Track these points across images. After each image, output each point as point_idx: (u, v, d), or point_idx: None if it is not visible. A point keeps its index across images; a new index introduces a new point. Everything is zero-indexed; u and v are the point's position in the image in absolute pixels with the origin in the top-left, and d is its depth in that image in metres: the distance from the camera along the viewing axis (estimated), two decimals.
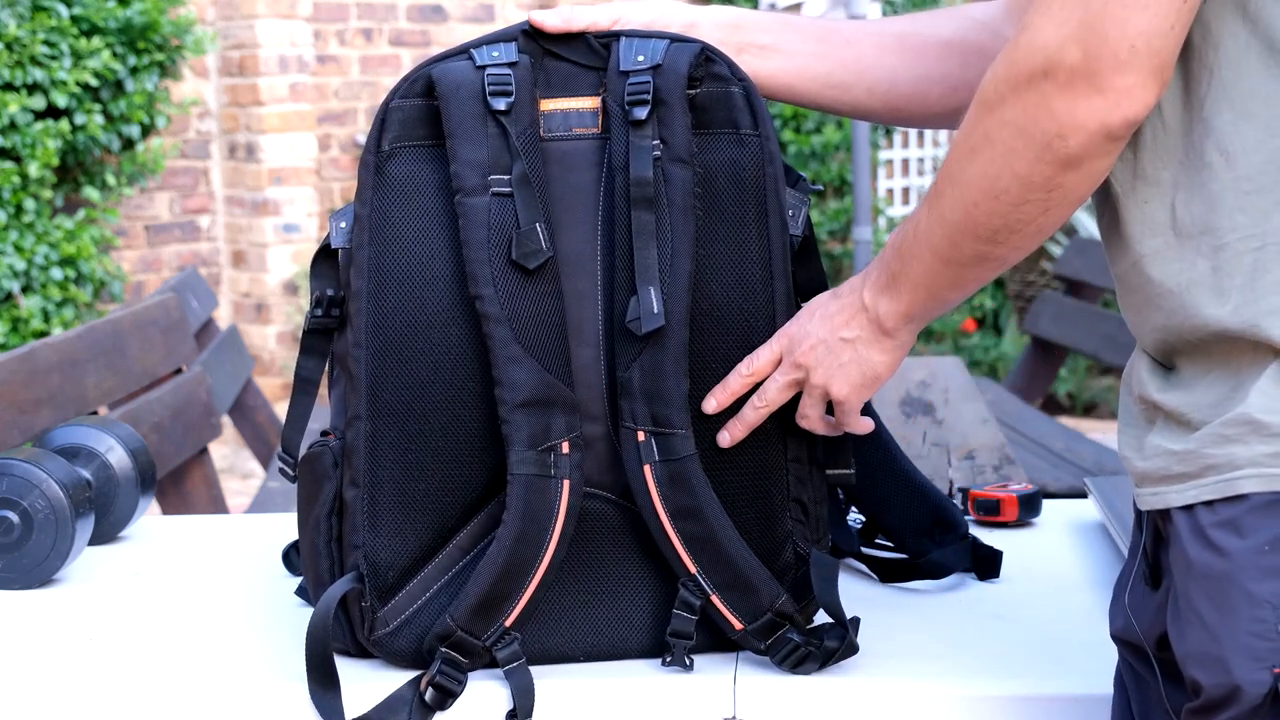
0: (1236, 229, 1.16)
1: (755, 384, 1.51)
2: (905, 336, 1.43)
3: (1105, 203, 1.26)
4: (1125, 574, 1.33)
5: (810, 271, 1.58)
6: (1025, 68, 1.16)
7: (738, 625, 1.50)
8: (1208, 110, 1.17)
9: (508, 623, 1.49)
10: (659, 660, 1.53)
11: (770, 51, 1.62)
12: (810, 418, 1.51)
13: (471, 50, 1.54)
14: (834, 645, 1.50)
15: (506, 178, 1.50)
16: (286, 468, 1.63)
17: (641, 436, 1.49)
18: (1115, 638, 1.33)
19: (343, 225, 1.55)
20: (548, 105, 1.54)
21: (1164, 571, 1.24)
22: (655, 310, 1.47)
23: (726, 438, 1.52)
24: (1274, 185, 1.16)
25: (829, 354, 1.46)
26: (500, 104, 1.50)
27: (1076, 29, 1.13)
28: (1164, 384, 1.23)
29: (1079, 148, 1.16)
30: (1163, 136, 1.20)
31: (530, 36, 1.56)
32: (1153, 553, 1.26)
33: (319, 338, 1.58)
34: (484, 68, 1.52)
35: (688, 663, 1.51)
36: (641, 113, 1.51)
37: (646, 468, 1.49)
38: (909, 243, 1.35)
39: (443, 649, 1.48)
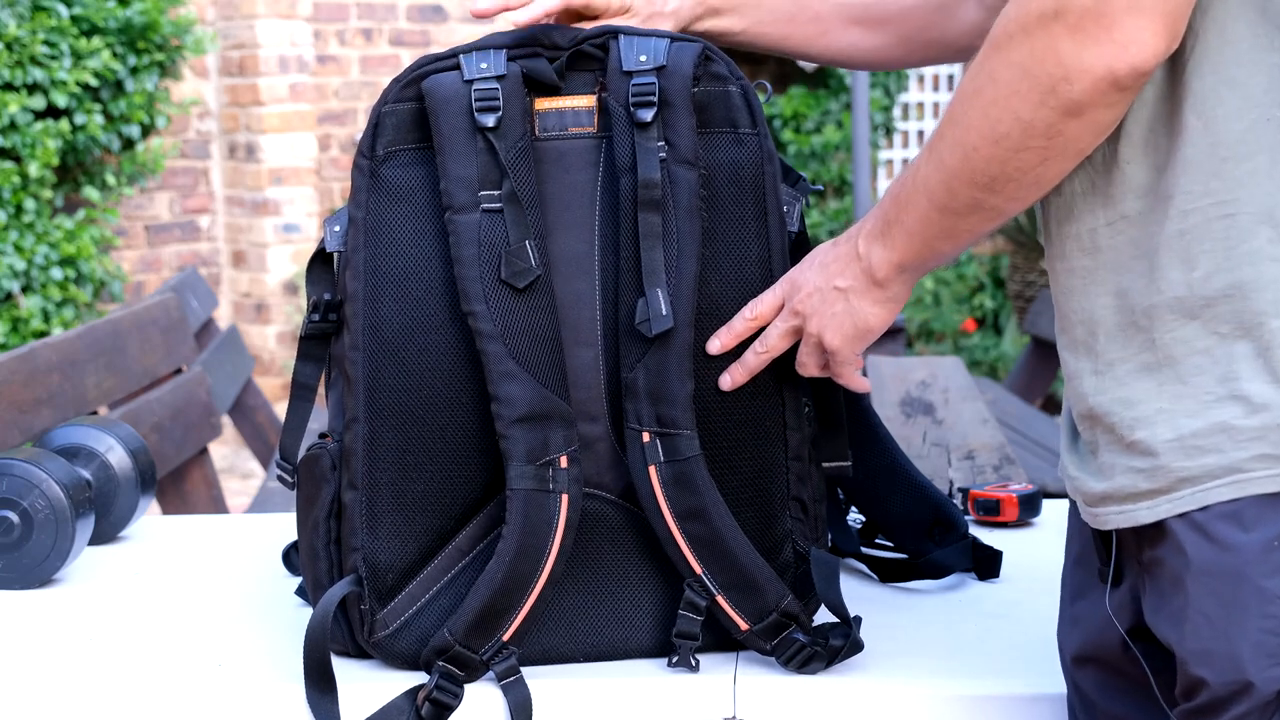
0: (1210, 194, 1.15)
1: (759, 328, 1.51)
2: (898, 288, 1.40)
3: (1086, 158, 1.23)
4: (1078, 589, 1.32)
5: None
6: (1036, 7, 1.13)
7: (744, 626, 1.50)
8: (1189, 73, 1.15)
9: (505, 637, 1.48)
10: (659, 660, 1.53)
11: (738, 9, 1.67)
12: (808, 365, 1.50)
13: (461, 59, 1.53)
14: (839, 644, 1.50)
15: (497, 193, 1.50)
16: (285, 474, 1.63)
17: (647, 437, 1.49)
18: (1076, 659, 1.32)
19: (337, 229, 1.55)
20: (543, 104, 1.54)
21: (1125, 571, 1.24)
22: (664, 312, 1.48)
23: (728, 380, 1.52)
24: (1252, 154, 1.14)
25: (823, 303, 1.44)
26: (488, 120, 1.50)
27: None
28: (1110, 390, 1.20)
29: (1083, 94, 1.13)
30: (1148, 95, 1.18)
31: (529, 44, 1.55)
32: (1115, 558, 1.25)
33: (316, 343, 1.58)
34: (472, 81, 1.52)
35: (693, 663, 1.51)
36: (647, 114, 1.51)
37: (652, 468, 1.49)
38: (906, 189, 1.31)
39: (440, 663, 1.48)
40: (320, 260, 1.57)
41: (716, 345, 1.51)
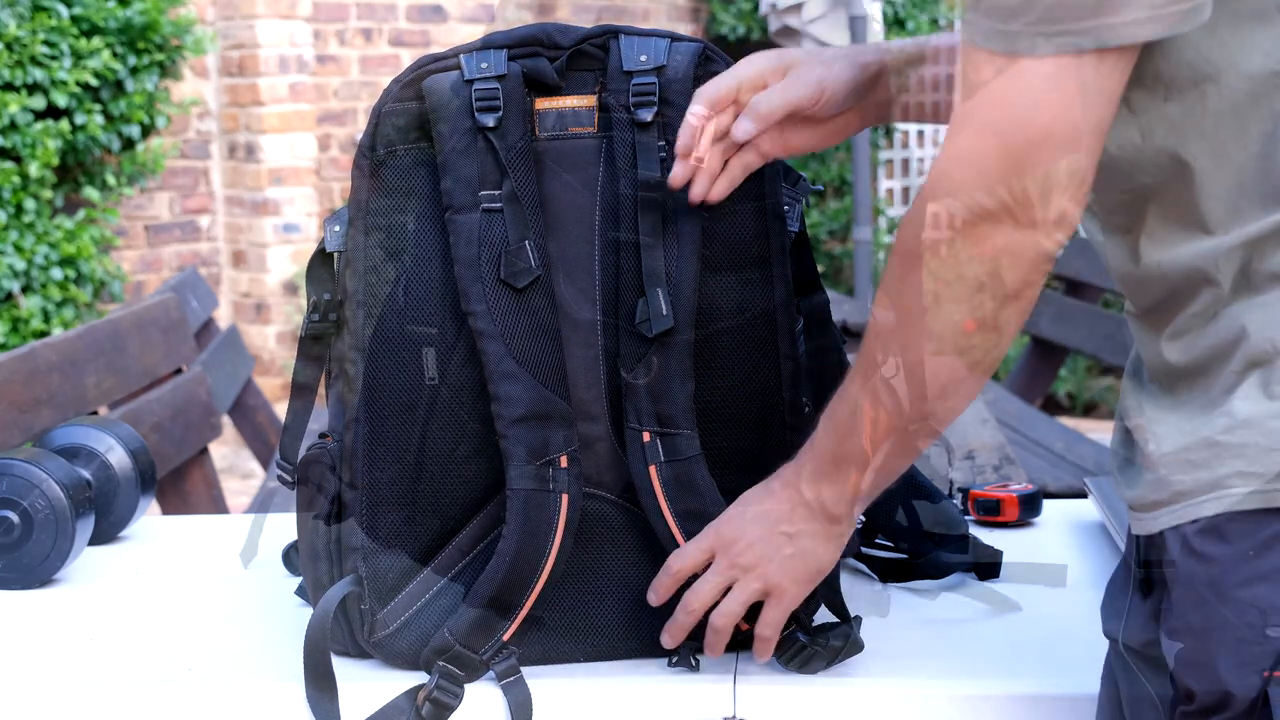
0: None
1: (686, 580, 1.46)
2: (851, 520, 1.38)
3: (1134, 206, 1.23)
4: (1119, 580, 1.33)
5: (804, 267, 1.58)
6: (957, 214, 1.13)
7: (743, 625, 1.50)
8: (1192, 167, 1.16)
9: (505, 637, 1.48)
10: (659, 660, 1.53)
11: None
12: (729, 614, 1.43)
13: (461, 59, 1.53)
14: (839, 644, 1.50)
15: (497, 193, 1.50)
16: (285, 475, 1.63)
17: (647, 437, 1.49)
18: (1109, 635, 1.34)
19: (337, 229, 1.55)
20: (543, 104, 1.54)
21: (1155, 583, 1.25)
22: (664, 312, 1.48)
23: (667, 639, 1.48)
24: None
25: (770, 548, 1.40)
26: (488, 120, 1.50)
27: (997, 170, 1.11)
28: (1145, 406, 1.22)
29: (1020, 280, 1.15)
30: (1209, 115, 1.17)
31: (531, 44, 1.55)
32: (1146, 565, 1.26)
33: (316, 344, 1.58)
34: (472, 81, 1.52)
35: (694, 663, 1.51)
36: (647, 114, 1.51)
37: (652, 468, 1.49)
38: (843, 420, 1.29)
39: (440, 663, 1.47)
40: (320, 260, 1.57)
41: (654, 598, 1.47)
